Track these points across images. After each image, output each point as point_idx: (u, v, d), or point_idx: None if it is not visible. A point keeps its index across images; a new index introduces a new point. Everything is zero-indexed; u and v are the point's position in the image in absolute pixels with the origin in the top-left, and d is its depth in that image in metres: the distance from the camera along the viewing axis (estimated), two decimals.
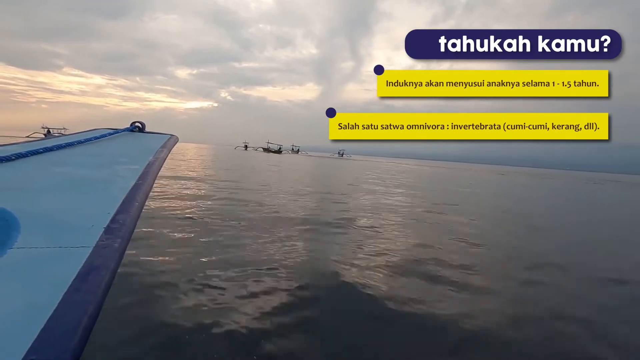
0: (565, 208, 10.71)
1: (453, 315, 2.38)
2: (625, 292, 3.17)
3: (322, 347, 1.95)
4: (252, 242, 3.81)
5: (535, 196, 14.48)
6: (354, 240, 4.37)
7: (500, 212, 8.50)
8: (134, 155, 1.20)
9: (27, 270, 0.54)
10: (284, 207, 6.37)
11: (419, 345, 2.05)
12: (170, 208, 5.46)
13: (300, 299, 2.48)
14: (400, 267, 3.37)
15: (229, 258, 3.23)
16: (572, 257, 4.41)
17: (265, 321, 2.13)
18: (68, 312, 0.47)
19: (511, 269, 3.63)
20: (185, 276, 2.71)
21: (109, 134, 1.38)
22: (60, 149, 1.11)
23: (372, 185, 12.87)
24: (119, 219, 0.72)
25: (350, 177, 16.56)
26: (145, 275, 2.65)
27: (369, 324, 2.22)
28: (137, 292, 2.35)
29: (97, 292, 0.52)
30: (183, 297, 2.38)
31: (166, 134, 1.54)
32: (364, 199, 8.79)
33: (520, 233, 5.88)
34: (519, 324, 2.36)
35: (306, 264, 3.28)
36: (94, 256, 0.59)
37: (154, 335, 1.90)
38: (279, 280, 2.78)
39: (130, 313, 2.09)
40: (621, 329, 2.41)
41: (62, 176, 0.95)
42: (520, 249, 4.56)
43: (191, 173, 11.79)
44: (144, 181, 0.95)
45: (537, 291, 3.04)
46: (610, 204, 13.57)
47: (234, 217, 5.10)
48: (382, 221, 5.80)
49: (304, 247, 3.87)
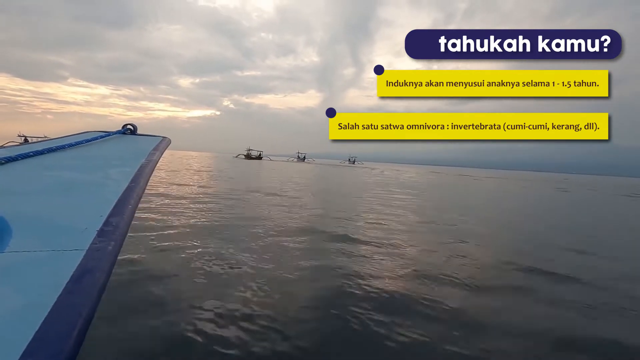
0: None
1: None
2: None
3: None
4: None
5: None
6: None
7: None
8: (126, 158, 1.19)
9: (19, 274, 0.53)
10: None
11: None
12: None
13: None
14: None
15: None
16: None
17: None
18: (62, 314, 0.46)
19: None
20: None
21: (101, 137, 1.37)
22: (51, 152, 1.10)
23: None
24: (112, 222, 0.71)
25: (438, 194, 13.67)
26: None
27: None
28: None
29: (92, 295, 0.51)
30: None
31: (158, 136, 1.53)
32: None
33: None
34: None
35: None
36: (87, 259, 0.58)
37: None
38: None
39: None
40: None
41: (54, 179, 0.94)
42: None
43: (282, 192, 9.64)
44: (137, 184, 0.94)
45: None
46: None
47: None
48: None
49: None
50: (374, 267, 3.44)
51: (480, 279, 3.26)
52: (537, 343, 2.18)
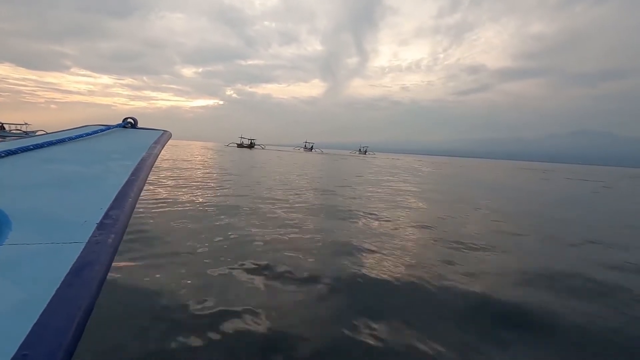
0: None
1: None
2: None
3: None
4: None
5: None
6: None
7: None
8: (126, 152, 1.18)
9: (18, 267, 0.54)
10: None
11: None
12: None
13: None
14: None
15: None
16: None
17: None
18: (61, 307, 0.46)
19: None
20: None
21: (101, 130, 1.37)
22: (51, 146, 1.10)
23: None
24: (112, 215, 0.71)
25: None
26: None
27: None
28: None
29: (91, 288, 0.51)
30: None
31: (159, 130, 1.52)
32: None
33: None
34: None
35: None
36: (86, 252, 0.58)
37: None
38: None
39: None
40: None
41: (54, 173, 0.94)
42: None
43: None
44: (137, 177, 0.94)
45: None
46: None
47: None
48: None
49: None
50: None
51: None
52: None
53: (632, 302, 2.59)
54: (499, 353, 1.83)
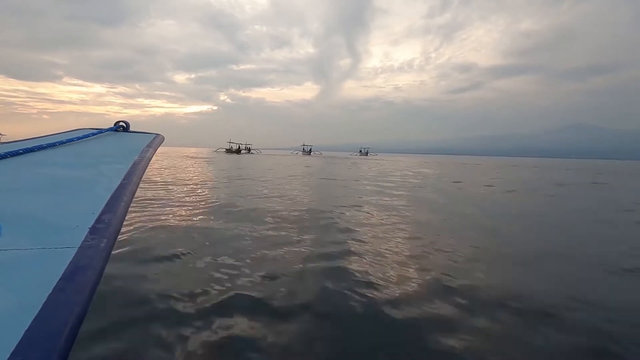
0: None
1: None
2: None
3: None
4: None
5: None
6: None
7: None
8: (118, 155, 1.17)
9: (10, 272, 0.53)
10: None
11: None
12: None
13: None
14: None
15: None
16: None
17: None
18: (53, 312, 0.46)
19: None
20: None
21: (93, 134, 1.35)
22: (41, 150, 1.08)
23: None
24: (104, 219, 0.70)
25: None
26: None
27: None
28: None
29: (84, 293, 0.51)
30: None
31: (152, 133, 1.51)
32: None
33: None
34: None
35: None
36: (79, 256, 0.57)
37: None
38: None
39: None
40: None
41: (45, 177, 0.92)
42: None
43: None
44: (130, 181, 0.93)
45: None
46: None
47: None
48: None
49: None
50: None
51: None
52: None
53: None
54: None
